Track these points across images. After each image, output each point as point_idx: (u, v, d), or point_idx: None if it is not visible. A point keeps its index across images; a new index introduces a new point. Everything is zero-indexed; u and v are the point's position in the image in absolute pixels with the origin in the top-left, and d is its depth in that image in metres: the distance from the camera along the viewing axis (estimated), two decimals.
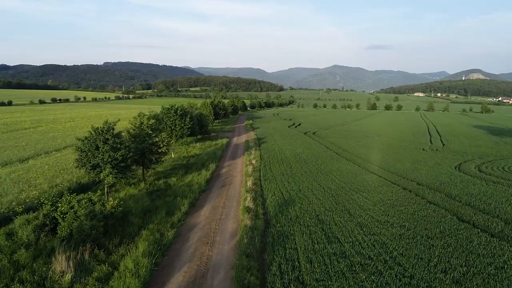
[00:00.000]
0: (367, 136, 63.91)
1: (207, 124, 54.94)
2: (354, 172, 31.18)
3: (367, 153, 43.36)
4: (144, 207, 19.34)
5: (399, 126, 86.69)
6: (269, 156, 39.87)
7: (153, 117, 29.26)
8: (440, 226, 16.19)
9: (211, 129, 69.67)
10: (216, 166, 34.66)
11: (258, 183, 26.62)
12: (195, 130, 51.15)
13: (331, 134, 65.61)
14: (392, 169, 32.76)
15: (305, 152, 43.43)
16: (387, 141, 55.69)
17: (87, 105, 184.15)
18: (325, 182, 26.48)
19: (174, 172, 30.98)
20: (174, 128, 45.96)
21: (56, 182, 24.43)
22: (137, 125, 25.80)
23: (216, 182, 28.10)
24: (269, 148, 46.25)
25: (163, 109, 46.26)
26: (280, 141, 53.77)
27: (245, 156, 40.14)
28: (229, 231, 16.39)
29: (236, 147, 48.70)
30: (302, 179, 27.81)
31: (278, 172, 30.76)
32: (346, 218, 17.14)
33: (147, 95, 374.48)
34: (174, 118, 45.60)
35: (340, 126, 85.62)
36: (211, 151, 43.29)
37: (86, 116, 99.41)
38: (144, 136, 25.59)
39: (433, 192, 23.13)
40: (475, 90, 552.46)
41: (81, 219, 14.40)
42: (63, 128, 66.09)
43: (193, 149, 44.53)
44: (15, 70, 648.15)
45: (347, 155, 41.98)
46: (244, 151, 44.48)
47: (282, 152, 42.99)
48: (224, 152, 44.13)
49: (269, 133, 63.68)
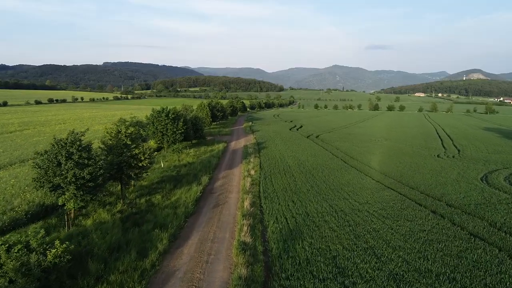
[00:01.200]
0: (373, 140, 59.75)
1: (202, 128, 50.82)
2: (368, 187, 27.00)
3: (378, 161, 39.18)
4: (112, 242, 15.17)
5: (406, 129, 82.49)
6: (269, 165, 35.72)
7: (134, 124, 25.08)
8: (506, 280, 11.98)
9: (208, 132, 65.51)
10: (209, 178, 30.47)
11: (257, 203, 22.46)
12: (190, 134, 47.04)
13: (335, 138, 61.44)
14: (411, 183, 28.57)
15: (309, 160, 39.26)
16: (397, 146, 51.52)
17: (83, 106, 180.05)
18: (337, 202, 22.30)
19: (160, 187, 26.82)
20: (165, 133, 41.81)
21: (13, 203, 20.26)
22: (114, 135, 21.61)
23: (208, 200, 23.92)
24: (270, 155, 42.09)
25: (153, 112, 42.10)
26: (282, 146, 49.61)
27: (243, 165, 35.96)
28: (218, 285, 12.20)
29: (234, 154, 44.50)
30: (309, 197, 23.63)
31: (281, 187, 26.61)
32: (373, 264, 12.94)
33: (146, 95, 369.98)
34: (165, 122, 41.42)
35: (344, 129, 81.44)
36: (205, 159, 39.12)
37: (79, 117, 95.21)
38: (122, 148, 21.43)
39: (471, 218, 18.93)
40: (476, 90, 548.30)
41: (9, 276, 10.24)
42: (51, 132, 61.96)
43: (186, 157, 40.35)
44: (14, 70, 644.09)
45: (356, 163, 37.80)
46: (242, 158, 40.30)
47: (284, 160, 38.82)
48: (220, 160, 39.94)
49: (270, 137, 59.52)
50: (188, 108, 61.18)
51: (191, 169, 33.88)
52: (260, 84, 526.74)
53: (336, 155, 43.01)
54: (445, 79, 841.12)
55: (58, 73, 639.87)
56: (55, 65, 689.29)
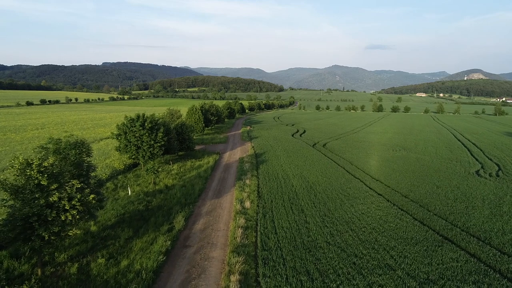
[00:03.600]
0: (390, 149, 51.52)
1: (190, 138, 42.63)
2: (412, 237, 18.63)
3: (409, 183, 30.83)
4: None
5: (421, 134, 74.16)
6: (270, 191, 27.50)
7: (71, 147, 16.83)
8: None
9: (199, 140, 57.22)
10: (188, 215, 22.23)
11: (253, 275, 14.26)
12: (173, 146, 38.82)
13: (345, 147, 53.22)
14: (474, 228, 20.24)
15: (320, 181, 31.02)
16: (422, 159, 43.31)
17: (75, 107, 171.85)
18: (379, 278, 14.02)
19: (115, 234, 18.61)
20: (141, 146, 33.56)
21: None
22: (21, 170, 13.37)
23: (177, 265, 15.57)
24: (271, 173, 33.89)
25: (125, 121, 33.82)
26: (284, 159, 41.41)
27: (236, 191, 27.69)
28: None
29: (226, 171, 36.22)
30: (331, 260, 15.42)
31: (287, 235, 18.41)
32: None
33: (143, 96, 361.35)
34: (140, 133, 33.17)
35: (352, 134, 73.13)
36: (189, 181, 30.88)
37: (62, 121, 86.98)
38: (32, 192, 13.21)
39: None
40: (478, 91, 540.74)
41: None
42: (21, 139, 53.94)
43: (165, 177, 32.08)
44: (12, 70, 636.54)
45: (382, 188, 29.53)
46: (236, 179, 32.03)
47: (288, 182, 30.60)
48: (208, 182, 31.63)
49: (270, 146, 51.32)
50: (175, 113, 52.57)
51: (167, 198, 25.64)
52: (259, 84, 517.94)
53: (353, 174, 34.76)
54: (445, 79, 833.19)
55: (56, 74, 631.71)
56: (53, 65, 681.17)
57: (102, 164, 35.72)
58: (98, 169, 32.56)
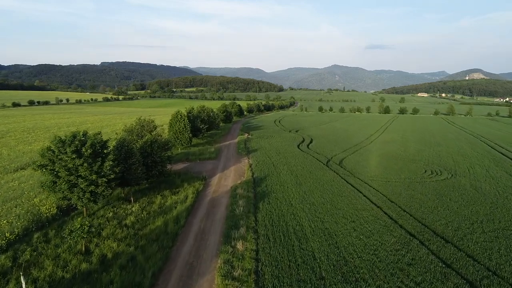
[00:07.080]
0: (429, 170, 39.80)
1: (164, 160, 30.85)
2: None
3: (492, 248, 19.20)
4: None
5: (452, 145, 62.30)
6: (277, 268, 15.74)
7: None
8: None
9: (183, 155, 45.22)
10: None
11: None
12: (137, 175, 26.84)
13: (368, 167, 41.46)
14: None
15: (358, 249, 19.18)
16: (482, 189, 31.58)
17: (63, 109, 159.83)
18: None
19: None
20: (76, 182, 21.66)
21: None
22: None
23: None
24: (276, 223, 22.10)
25: (52, 144, 21.89)
26: (294, 190, 29.67)
27: (219, 274, 15.89)
28: None
29: (209, 217, 24.29)
30: None
31: None
32: None
33: (139, 96, 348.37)
34: (74, 163, 21.27)
35: (369, 145, 61.27)
36: (147, 243, 19.02)
37: (37, 126, 74.46)
38: None
39: None
40: (480, 90, 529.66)
41: None
42: None
43: (110, 234, 20.16)
44: (8, 70, 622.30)
45: (461, 260, 17.79)
46: (222, 238, 20.17)
47: (305, 244, 18.82)
48: (177, 245, 19.69)
49: (272, 165, 39.58)
50: (147, 125, 39.41)
51: None
52: (259, 84, 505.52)
53: (400, 223, 22.92)
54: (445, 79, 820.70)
55: (53, 73, 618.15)
56: (50, 64, 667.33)
57: (26, 204, 23.69)
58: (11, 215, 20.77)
